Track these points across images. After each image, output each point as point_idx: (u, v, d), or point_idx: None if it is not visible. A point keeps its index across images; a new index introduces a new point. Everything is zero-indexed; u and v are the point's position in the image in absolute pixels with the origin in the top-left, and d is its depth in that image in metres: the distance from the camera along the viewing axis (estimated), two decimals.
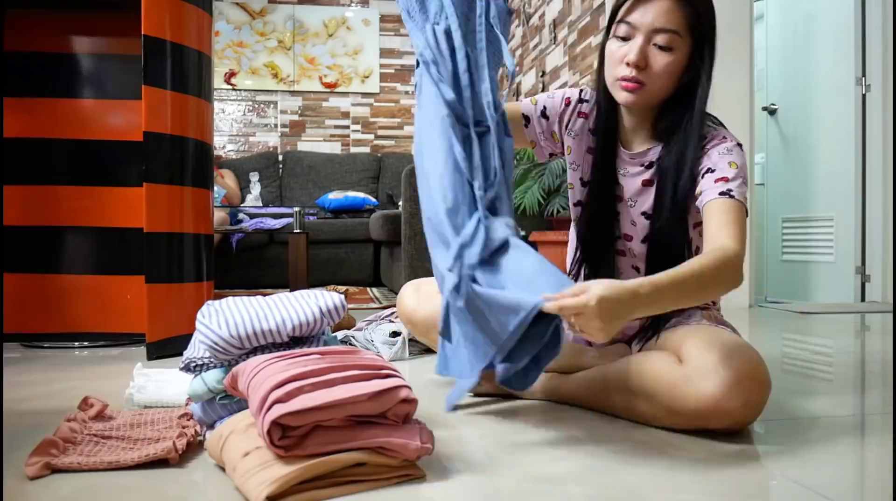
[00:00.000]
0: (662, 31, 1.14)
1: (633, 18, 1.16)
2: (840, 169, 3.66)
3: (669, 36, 1.14)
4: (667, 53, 1.15)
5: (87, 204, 2.23)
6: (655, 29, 1.14)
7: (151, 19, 1.89)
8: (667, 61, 1.16)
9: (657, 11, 1.14)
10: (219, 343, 0.99)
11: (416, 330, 1.46)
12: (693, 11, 1.15)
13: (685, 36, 1.16)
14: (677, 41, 1.15)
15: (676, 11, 1.14)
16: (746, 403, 1.02)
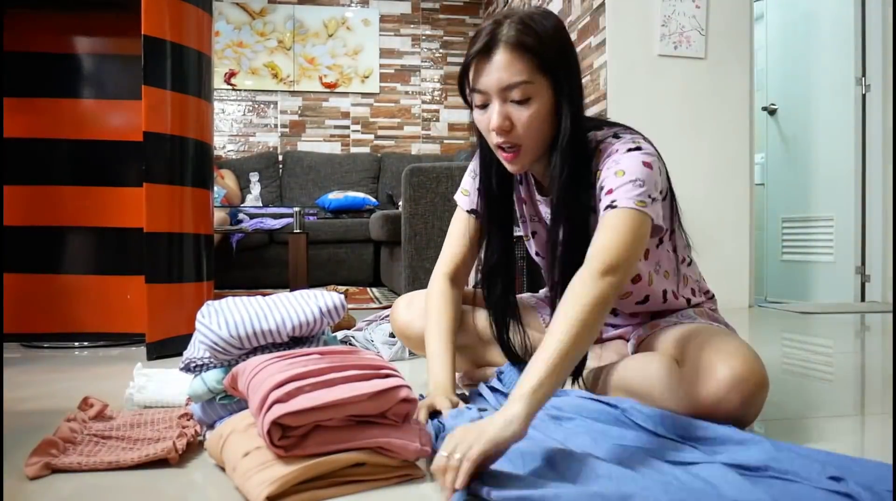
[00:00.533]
0: (512, 87, 1.07)
1: (481, 83, 1.09)
2: (840, 169, 3.66)
3: (521, 88, 1.07)
4: (526, 106, 1.08)
5: (87, 204, 2.23)
6: (504, 87, 1.07)
7: (151, 19, 1.89)
8: (529, 114, 1.09)
9: (498, 68, 1.07)
10: (219, 344, 0.99)
11: (410, 344, 1.47)
12: (534, 53, 1.07)
13: (538, 80, 1.08)
14: (532, 89, 1.08)
15: (517, 61, 1.07)
16: (744, 404, 1.01)
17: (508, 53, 1.07)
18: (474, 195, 1.32)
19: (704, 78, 3.24)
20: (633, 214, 1.03)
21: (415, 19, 5.85)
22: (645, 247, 1.11)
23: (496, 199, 1.26)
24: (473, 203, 1.32)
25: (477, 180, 1.31)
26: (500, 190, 1.26)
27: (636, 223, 1.03)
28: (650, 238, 1.12)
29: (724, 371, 1.01)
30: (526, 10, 1.13)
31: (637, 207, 1.03)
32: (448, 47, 5.91)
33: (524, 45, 1.07)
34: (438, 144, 5.87)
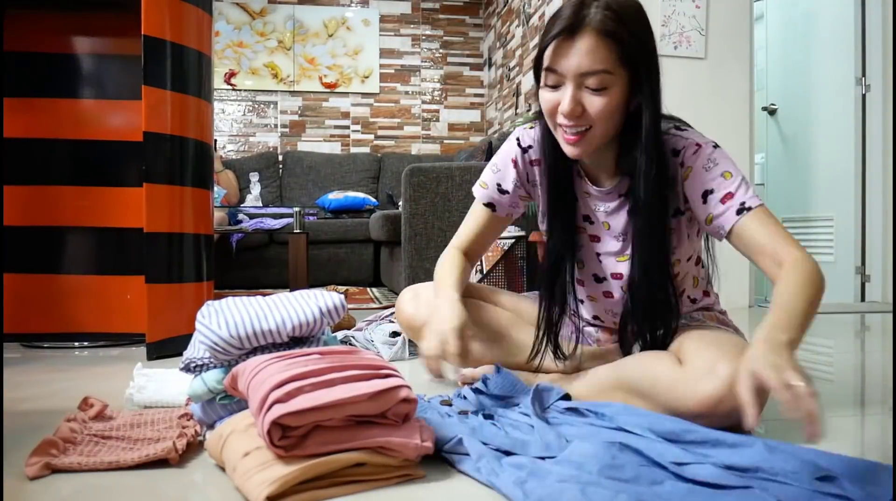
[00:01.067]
0: (591, 74, 1.04)
1: (558, 65, 1.06)
2: (840, 169, 3.66)
3: (599, 77, 1.05)
4: (600, 95, 1.06)
5: (87, 204, 2.23)
6: (583, 73, 1.05)
7: (151, 19, 1.89)
8: (602, 103, 1.06)
9: (581, 53, 1.04)
10: (219, 344, 0.99)
11: (415, 336, 1.46)
12: (619, 43, 1.04)
13: (618, 71, 1.06)
14: (610, 79, 1.05)
15: (601, 48, 1.04)
16: None
17: (593, 39, 1.04)
18: (492, 190, 1.31)
19: (704, 78, 3.24)
20: (767, 210, 1.10)
21: (415, 19, 5.85)
22: None
23: (560, 171, 1.22)
24: (490, 197, 1.32)
25: (496, 175, 1.30)
26: (562, 162, 1.20)
27: (776, 218, 1.11)
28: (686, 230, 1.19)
29: (725, 370, 1.01)
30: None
31: (761, 202, 1.10)
32: (448, 47, 5.91)
33: (610, 32, 1.04)
34: (438, 144, 5.87)
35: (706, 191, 1.12)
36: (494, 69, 5.69)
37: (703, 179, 1.12)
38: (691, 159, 1.14)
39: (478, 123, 5.95)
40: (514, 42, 5.11)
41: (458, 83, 5.93)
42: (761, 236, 1.07)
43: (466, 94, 5.94)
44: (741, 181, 1.11)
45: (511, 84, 5.21)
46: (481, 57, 5.98)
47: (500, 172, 1.31)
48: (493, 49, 5.69)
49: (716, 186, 1.11)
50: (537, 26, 4.60)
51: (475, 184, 1.37)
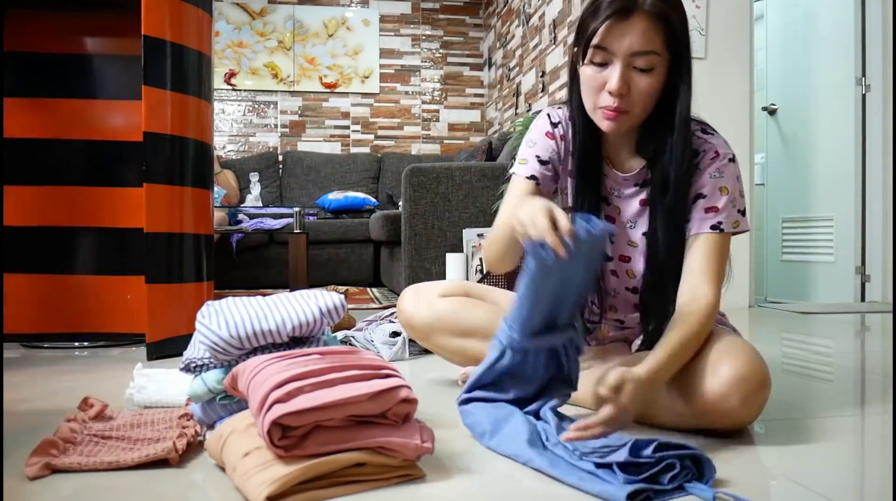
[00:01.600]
0: (641, 54, 1.08)
1: (610, 43, 1.09)
2: (840, 169, 3.66)
3: (649, 58, 1.09)
4: (647, 75, 1.10)
5: (87, 204, 2.23)
6: (634, 52, 1.08)
7: (151, 19, 1.89)
8: (648, 83, 1.10)
9: (635, 34, 1.07)
10: (219, 344, 0.99)
11: (415, 334, 1.46)
12: (670, 27, 1.09)
13: (664, 54, 1.10)
14: (657, 61, 1.10)
15: (654, 31, 1.08)
16: (746, 403, 1.01)
17: (647, 20, 1.08)
18: (533, 162, 1.29)
19: (704, 78, 3.24)
20: (727, 240, 1.16)
21: (415, 19, 5.85)
22: None
23: (589, 152, 1.24)
24: (534, 169, 1.29)
25: (534, 149, 1.29)
26: (592, 143, 1.24)
27: (727, 251, 1.17)
28: None
29: (726, 370, 1.02)
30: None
31: (734, 229, 1.17)
32: (448, 47, 5.92)
33: (664, 16, 1.08)
34: (438, 144, 5.87)
35: (700, 194, 1.17)
36: (494, 69, 5.69)
37: (704, 183, 1.16)
38: (705, 163, 1.17)
39: (478, 123, 5.96)
40: (514, 42, 5.11)
41: (458, 83, 5.93)
42: (697, 261, 1.14)
43: (466, 94, 5.94)
44: (731, 201, 1.16)
45: (511, 84, 5.21)
46: (481, 57, 5.98)
47: (537, 144, 1.30)
48: (493, 49, 5.69)
49: (709, 193, 1.16)
50: (537, 26, 4.60)
51: (513, 166, 1.33)
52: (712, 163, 1.17)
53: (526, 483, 0.88)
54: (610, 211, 1.29)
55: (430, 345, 1.45)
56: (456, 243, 3.10)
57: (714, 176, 1.16)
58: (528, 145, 1.31)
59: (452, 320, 1.40)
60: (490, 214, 3.13)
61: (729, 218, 1.15)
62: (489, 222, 3.12)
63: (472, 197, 3.13)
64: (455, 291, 1.46)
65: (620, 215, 1.27)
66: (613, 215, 1.28)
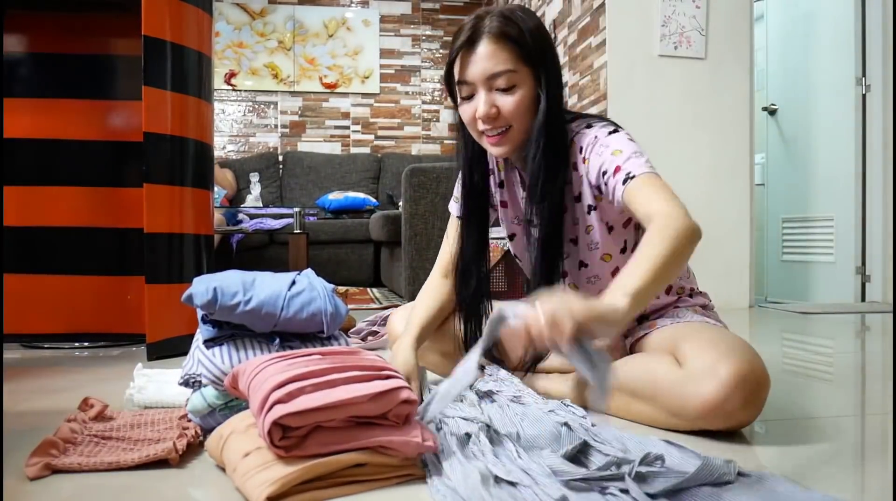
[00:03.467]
0: (497, 76, 1.13)
1: (466, 75, 1.15)
2: (840, 169, 3.66)
3: (506, 77, 1.13)
4: (511, 94, 1.14)
5: (87, 204, 2.23)
6: (490, 75, 1.13)
7: (151, 20, 1.89)
8: (514, 101, 1.15)
9: (483, 58, 1.13)
10: (221, 378, 1.01)
11: None
12: (516, 43, 1.13)
13: (521, 69, 1.14)
14: (516, 77, 1.14)
15: (501, 51, 1.13)
16: (746, 403, 1.02)
17: (492, 44, 1.13)
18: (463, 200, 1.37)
19: (704, 78, 3.24)
20: (653, 176, 1.08)
21: (415, 20, 5.85)
22: None
23: (476, 191, 1.32)
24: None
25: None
26: (480, 183, 1.31)
27: (662, 182, 1.08)
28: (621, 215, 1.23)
29: (725, 370, 1.02)
30: (506, 5, 1.19)
31: (651, 170, 1.09)
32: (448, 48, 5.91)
33: (507, 35, 1.14)
34: (438, 144, 5.87)
35: (602, 172, 1.15)
36: None
37: (598, 162, 1.16)
38: (588, 150, 1.19)
39: None
40: None
41: None
42: (643, 198, 1.06)
43: None
44: (630, 154, 1.12)
45: None
46: None
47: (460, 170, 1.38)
48: None
49: (608, 164, 1.14)
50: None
51: (450, 203, 1.44)
52: (593, 145, 1.17)
53: None
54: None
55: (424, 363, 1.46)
56: None
57: (600, 151, 1.16)
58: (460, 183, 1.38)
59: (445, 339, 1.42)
60: None
61: (636, 164, 1.10)
62: None
63: None
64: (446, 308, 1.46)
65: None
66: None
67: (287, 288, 1.09)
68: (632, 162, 1.11)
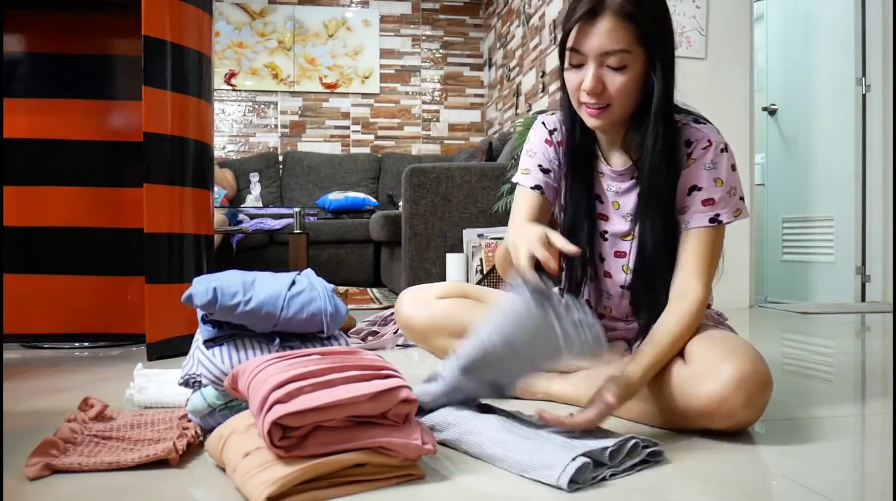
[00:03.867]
0: (611, 54, 1.12)
1: (581, 45, 1.13)
2: (840, 169, 3.66)
3: (619, 56, 1.12)
4: (621, 73, 1.13)
5: (87, 204, 2.23)
6: (604, 52, 1.12)
7: (151, 20, 1.89)
8: (622, 81, 1.13)
9: (601, 34, 1.11)
10: (221, 378, 1.00)
11: (413, 336, 1.48)
12: (637, 24, 1.11)
13: (636, 51, 1.13)
14: (629, 58, 1.12)
15: (621, 30, 1.11)
16: (748, 403, 1.02)
17: (613, 20, 1.11)
18: (536, 172, 1.33)
19: (704, 78, 3.24)
20: (723, 228, 1.19)
21: (415, 20, 5.85)
22: None
23: (580, 151, 1.29)
24: (537, 179, 1.33)
25: (535, 158, 1.33)
26: (583, 142, 1.28)
27: (722, 236, 1.20)
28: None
29: (728, 370, 1.02)
30: None
31: (733, 218, 1.19)
32: (448, 48, 5.92)
33: (629, 14, 1.11)
34: (438, 144, 5.87)
35: (694, 186, 1.18)
36: (494, 69, 5.69)
37: (699, 175, 1.18)
38: (698, 153, 1.19)
39: (478, 124, 5.96)
40: (515, 42, 5.11)
41: (459, 83, 5.93)
42: (691, 255, 1.17)
43: (466, 94, 5.94)
44: (728, 192, 1.18)
45: (511, 84, 5.21)
46: (481, 57, 5.98)
47: (537, 153, 1.34)
48: (494, 49, 5.69)
49: (705, 186, 1.17)
50: (537, 26, 4.60)
51: (516, 175, 1.38)
52: (705, 153, 1.18)
53: (525, 484, 0.88)
54: (604, 208, 1.30)
55: (428, 347, 1.46)
56: (456, 243, 3.10)
57: (709, 167, 1.17)
58: (529, 155, 1.35)
59: (450, 321, 1.40)
60: (490, 214, 3.13)
61: (727, 209, 1.17)
62: (489, 222, 3.12)
63: (473, 197, 3.13)
64: (453, 292, 1.47)
65: (619, 210, 1.28)
66: (608, 212, 1.30)
67: (287, 288, 1.08)
68: (724, 203, 1.17)
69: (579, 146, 1.28)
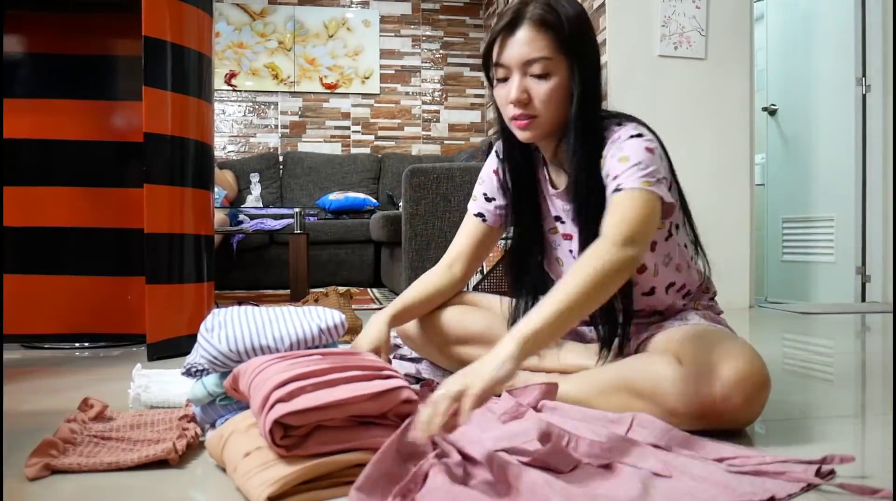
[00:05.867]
0: (533, 62, 1.14)
1: (503, 58, 1.16)
2: (840, 169, 3.66)
3: (541, 63, 1.14)
4: (544, 80, 1.15)
5: (87, 205, 2.23)
6: (525, 61, 1.14)
7: (152, 20, 1.89)
8: (546, 88, 1.15)
9: (521, 43, 1.14)
10: (218, 358, 1.00)
11: (411, 344, 1.49)
12: (556, 31, 1.14)
13: (557, 57, 1.14)
14: (551, 65, 1.14)
15: (539, 38, 1.13)
16: (746, 404, 1.02)
17: (532, 30, 1.14)
18: (481, 200, 1.39)
19: (704, 78, 3.24)
20: (641, 192, 1.08)
21: (415, 20, 5.85)
22: (657, 223, 1.11)
23: (522, 173, 1.31)
24: (480, 207, 1.39)
25: (482, 186, 1.39)
26: (525, 164, 1.30)
27: (645, 200, 1.07)
28: (662, 220, 1.20)
29: (726, 371, 1.02)
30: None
31: (643, 186, 1.08)
32: (448, 48, 5.91)
33: (547, 22, 1.14)
34: (439, 144, 5.87)
35: (607, 175, 1.15)
36: None
37: (608, 165, 1.16)
38: (608, 149, 1.18)
39: (478, 124, 5.96)
40: None
41: (459, 84, 5.93)
42: (609, 216, 1.08)
43: (467, 94, 5.94)
44: (633, 164, 1.10)
45: None
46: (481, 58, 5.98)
47: (485, 182, 1.40)
48: None
49: (611, 169, 1.14)
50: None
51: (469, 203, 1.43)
52: (614, 144, 1.17)
53: None
54: (567, 229, 1.31)
55: (427, 354, 1.46)
56: None
57: (614, 153, 1.15)
58: (479, 182, 1.41)
59: (448, 328, 1.41)
60: None
61: (630, 178, 1.09)
62: None
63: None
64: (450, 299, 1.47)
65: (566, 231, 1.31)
66: (572, 231, 1.29)
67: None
68: (628, 173, 1.09)
69: (521, 169, 1.30)
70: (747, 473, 0.86)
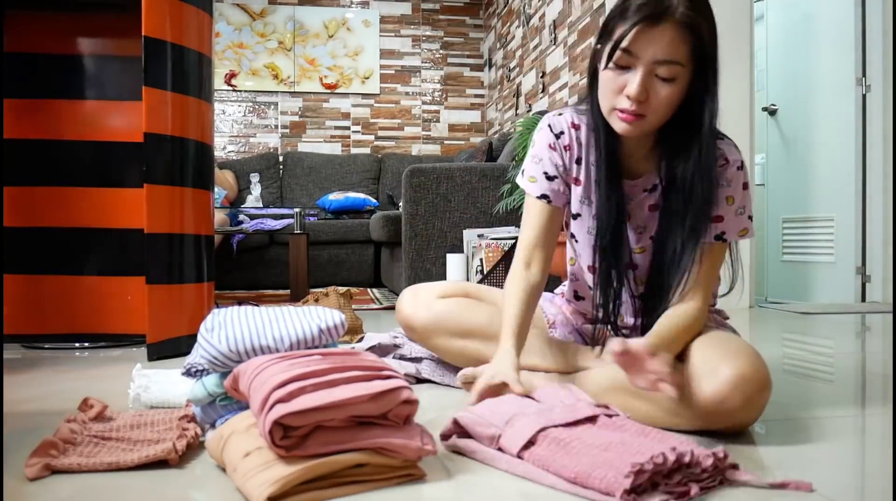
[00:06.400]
0: (665, 63, 1.06)
1: (636, 48, 1.07)
2: (840, 169, 3.66)
3: (672, 67, 1.07)
4: (668, 84, 1.08)
5: (87, 205, 2.23)
6: (658, 61, 1.06)
7: (152, 20, 1.89)
8: (668, 93, 1.08)
9: (662, 42, 1.05)
10: (218, 358, 1.00)
11: (414, 336, 1.47)
12: (697, 39, 1.07)
13: (687, 65, 1.08)
14: (679, 71, 1.08)
15: (681, 42, 1.06)
16: (747, 403, 1.01)
17: (677, 31, 1.06)
18: (542, 180, 1.28)
19: None
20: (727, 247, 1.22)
21: (415, 20, 5.86)
22: None
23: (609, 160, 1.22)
24: (543, 188, 1.28)
25: (541, 165, 1.28)
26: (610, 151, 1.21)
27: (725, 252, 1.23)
28: None
29: (727, 371, 1.02)
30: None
31: (738, 238, 1.21)
32: (448, 48, 5.92)
33: (691, 26, 1.06)
34: (439, 144, 5.88)
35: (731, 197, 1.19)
36: (495, 70, 5.70)
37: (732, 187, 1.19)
38: (724, 168, 1.18)
39: (478, 124, 5.96)
40: (515, 43, 5.11)
41: (459, 84, 5.94)
42: (703, 268, 1.18)
43: (467, 94, 5.95)
44: (736, 211, 1.19)
45: (511, 85, 5.21)
46: (481, 58, 5.98)
47: (543, 160, 1.28)
48: (494, 50, 5.69)
49: (737, 197, 1.19)
50: (537, 27, 4.60)
51: (523, 181, 1.33)
52: (722, 171, 1.17)
53: (525, 485, 0.88)
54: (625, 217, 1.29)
55: (429, 346, 1.46)
56: (456, 243, 3.10)
57: (722, 185, 1.17)
58: (535, 161, 1.29)
59: (451, 320, 1.40)
60: (490, 214, 3.13)
61: (733, 228, 1.19)
62: (490, 222, 3.12)
63: (473, 198, 3.13)
64: (453, 292, 1.46)
65: (631, 221, 1.26)
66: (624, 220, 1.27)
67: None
68: (732, 222, 1.19)
69: (608, 155, 1.21)
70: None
